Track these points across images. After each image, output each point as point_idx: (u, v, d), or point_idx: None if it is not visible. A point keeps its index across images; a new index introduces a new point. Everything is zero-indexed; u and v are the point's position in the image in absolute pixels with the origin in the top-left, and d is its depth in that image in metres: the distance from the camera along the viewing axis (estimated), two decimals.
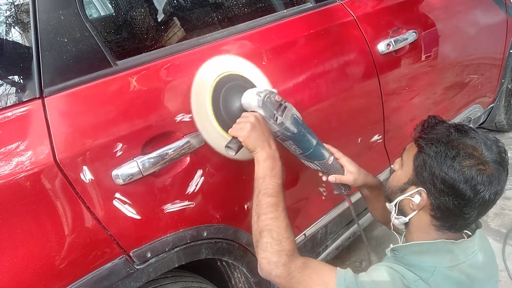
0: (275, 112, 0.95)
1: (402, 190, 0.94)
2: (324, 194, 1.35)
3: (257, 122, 0.94)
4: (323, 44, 1.25)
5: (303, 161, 1.07)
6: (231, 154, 0.95)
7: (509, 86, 2.31)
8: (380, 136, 1.48)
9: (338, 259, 1.85)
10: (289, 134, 0.97)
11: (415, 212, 0.92)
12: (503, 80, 2.15)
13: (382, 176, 1.48)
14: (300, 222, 1.31)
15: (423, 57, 1.56)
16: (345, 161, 1.11)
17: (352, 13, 1.34)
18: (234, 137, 0.95)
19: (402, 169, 0.96)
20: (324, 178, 1.11)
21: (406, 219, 0.95)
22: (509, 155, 2.55)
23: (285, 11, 1.25)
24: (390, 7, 1.47)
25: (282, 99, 0.98)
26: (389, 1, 1.47)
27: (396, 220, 0.97)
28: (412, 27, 1.47)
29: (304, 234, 1.33)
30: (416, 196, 0.90)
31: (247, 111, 0.99)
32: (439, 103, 1.75)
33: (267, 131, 0.96)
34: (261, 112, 0.95)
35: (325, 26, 1.27)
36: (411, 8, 1.54)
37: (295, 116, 0.99)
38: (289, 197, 1.23)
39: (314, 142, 1.02)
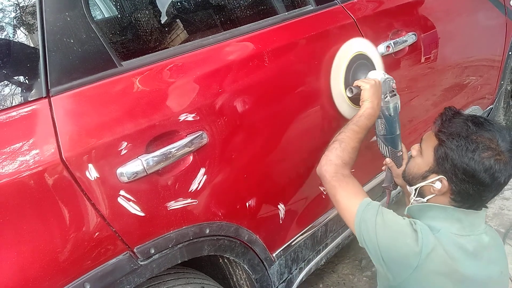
0: (387, 92, 1.23)
1: (424, 177, 1.03)
2: (324, 193, 1.36)
3: (378, 84, 1.21)
4: (323, 46, 1.27)
5: (380, 141, 1.28)
6: (348, 94, 1.23)
7: (508, 88, 2.33)
8: None
9: (338, 257, 1.87)
10: (386, 113, 1.23)
11: (434, 195, 1.02)
12: (502, 82, 2.16)
13: (382, 175, 1.49)
14: (300, 220, 1.33)
15: (423, 59, 1.57)
16: (405, 162, 1.25)
17: (352, 16, 1.35)
18: (357, 86, 1.20)
19: (422, 157, 1.05)
20: (386, 160, 1.29)
21: (425, 200, 1.04)
22: None
23: (286, 13, 1.26)
24: (390, 10, 1.48)
25: (395, 89, 1.26)
26: (389, 3, 1.49)
27: (415, 201, 1.07)
28: (411, 29, 1.49)
29: (304, 232, 1.35)
30: (437, 183, 1.00)
31: None
32: (438, 104, 1.76)
33: (380, 95, 1.21)
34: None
35: (326, 28, 1.29)
36: (410, 10, 1.55)
37: (397, 105, 1.25)
38: (290, 196, 1.25)
39: (398, 132, 1.25)
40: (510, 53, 2.12)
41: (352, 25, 1.34)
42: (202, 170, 0.99)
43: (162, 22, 1.19)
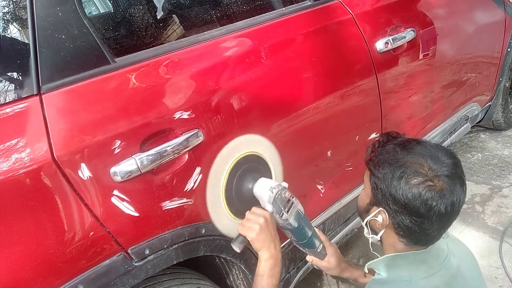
0: (282, 208, 1.03)
1: (367, 210, 0.96)
2: (322, 191, 1.35)
3: (266, 224, 0.99)
4: (321, 42, 1.25)
5: (295, 244, 1.14)
6: (236, 250, 1.03)
7: (507, 85, 2.32)
8: (378, 134, 1.49)
9: None
10: (289, 228, 1.06)
11: (383, 231, 0.93)
12: (500, 79, 2.15)
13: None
14: None
15: (421, 56, 1.56)
16: (330, 251, 1.17)
17: (350, 11, 1.34)
18: (241, 235, 1.01)
19: (364, 189, 0.98)
20: (307, 258, 1.19)
21: (377, 237, 0.97)
22: (506, 153, 2.55)
23: (283, 9, 1.24)
24: (389, 5, 1.47)
25: (291, 195, 1.05)
26: None
27: (371, 238, 0.99)
28: (410, 25, 1.47)
29: None
30: (379, 216, 0.91)
31: (256, 197, 1.06)
32: (436, 101, 1.75)
33: (274, 232, 1.02)
34: (270, 207, 1.02)
35: (323, 24, 1.27)
36: (409, 6, 1.54)
37: (299, 212, 1.07)
38: None
39: (310, 233, 1.11)
40: (509, 49, 2.11)
41: (351, 21, 1.33)
42: (198, 169, 0.97)
43: (157, 17, 1.17)
